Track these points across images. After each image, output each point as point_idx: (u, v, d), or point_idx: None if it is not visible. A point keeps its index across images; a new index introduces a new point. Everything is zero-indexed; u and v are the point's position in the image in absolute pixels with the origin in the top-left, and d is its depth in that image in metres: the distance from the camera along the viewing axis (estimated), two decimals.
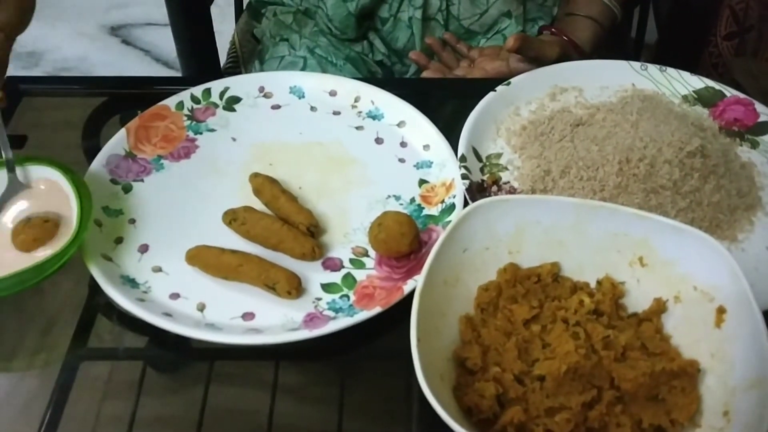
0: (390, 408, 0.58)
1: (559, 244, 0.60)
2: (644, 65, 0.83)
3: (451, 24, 0.97)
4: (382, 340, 0.63)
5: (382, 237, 0.63)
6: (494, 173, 0.73)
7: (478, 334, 0.56)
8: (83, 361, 0.61)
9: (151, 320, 0.59)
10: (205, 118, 0.79)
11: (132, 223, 0.68)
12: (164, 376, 0.62)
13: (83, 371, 0.60)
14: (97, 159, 0.72)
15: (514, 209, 0.59)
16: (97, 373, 0.60)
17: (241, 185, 0.71)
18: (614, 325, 0.57)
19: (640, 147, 0.69)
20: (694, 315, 0.55)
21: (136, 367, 0.61)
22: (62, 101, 0.86)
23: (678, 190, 0.67)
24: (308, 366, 0.62)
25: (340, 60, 0.97)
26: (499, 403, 0.53)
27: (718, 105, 0.80)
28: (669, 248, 0.57)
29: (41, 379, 0.60)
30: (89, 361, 0.61)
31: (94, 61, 2.01)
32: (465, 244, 0.58)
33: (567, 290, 0.59)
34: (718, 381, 0.52)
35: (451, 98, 0.86)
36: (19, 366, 0.61)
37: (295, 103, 0.81)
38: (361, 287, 0.63)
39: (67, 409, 0.57)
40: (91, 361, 0.61)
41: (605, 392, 0.53)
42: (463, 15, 0.96)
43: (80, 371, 0.60)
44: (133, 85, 0.88)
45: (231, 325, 0.60)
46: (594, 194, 0.68)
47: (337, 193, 0.72)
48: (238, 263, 0.62)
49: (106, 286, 0.61)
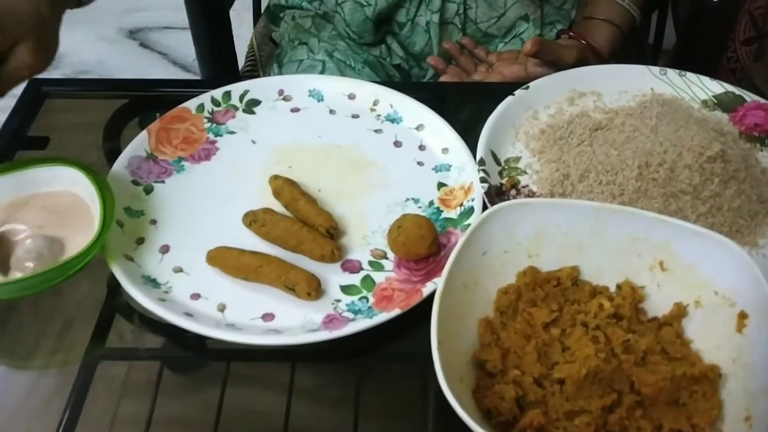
0: (406, 411, 0.58)
1: (578, 248, 0.60)
2: (663, 70, 0.83)
3: (469, 27, 0.97)
4: (397, 343, 0.63)
5: (401, 239, 0.64)
6: (513, 177, 0.73)
7: (497, 336, 0.57)
8: (101, 361, 0.61)
9: (172, 320, 0.59)
10: (225, 120, 0.79)
11: (153, 223, 0.69)
12: (181, 377, 0.62)
13: (101, 371, 0.60)
14: (119, 160, 0.72)
15: (533, 212, 0.59)
16: (114, 372, 0.61)
17: (260, 187, 0.72)
18: (634, 329, 0.57)
19: (659, 152, 0.69)
20: (715, 320, 0.55)
21: (154, 367, 0.61)
22: (83, 103, 0.87)
23: (698, 195, 0.67)
24: (324, 368, 0.62)
25: (359, 64, 0.97)
26: (519, 406, 0.53)
27: (738, 110, 0.79)
28: (690, 253, 0.57)
29: (60, 378, 0.60)
30: (107, 360, 0.62)
31: (112, 64, 2.03)
32: (484, 247, 0.58)
33: (586, 294, 0.59)
34: (740, 386, 0.51)
35: (469, 102, 0.86)
36: (38, 365, 0.62)
37: (314, 106, 0.81)
38: (380, 289, 0.64)
39: (85, 408, 0.58)
40: (108, 361, 0.62)
41: (625, 396, 0.53)
42: (480, 18, 0.97)
43: (98, 371, 0.60)
44: (153, 88, 0.89)
45: (251, 326, 0.60)
46: (613, 198, 0.68)
47: (355, 196, 0.72)
48: (258, 264, 0.62)
49: (128, 285, 0.61)
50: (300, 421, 0.57)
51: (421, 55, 1.00)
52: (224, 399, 0.58)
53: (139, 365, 0.62)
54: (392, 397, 0.60)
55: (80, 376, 0.60)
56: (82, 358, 0.61)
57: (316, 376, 0.61)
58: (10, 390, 0.60)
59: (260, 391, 0.60)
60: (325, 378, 0.62)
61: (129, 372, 0.61)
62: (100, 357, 0.61)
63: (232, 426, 0.57)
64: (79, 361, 0.61)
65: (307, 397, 0.59)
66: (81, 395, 0.58)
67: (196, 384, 0.61)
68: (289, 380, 0.60)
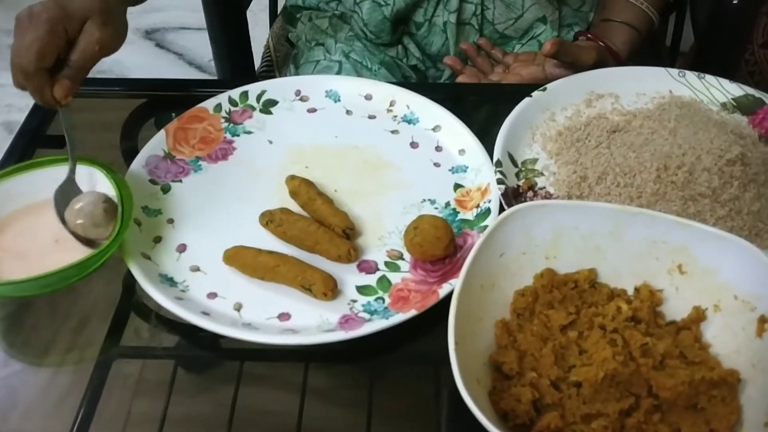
0: (419, 412, 0.58)
1: (596, 250, 0.59)
2: (682, 72, 0.82)
3: (486, 28, 0.97)
4: (412, 344, 0.63)
5: (417, 240, 0.64)
6: (530, 178, 0.72)
7: (514, 339, 0.56)
8: (116, 359, 0.62)
9: (189, 319, 0.59)
10: (242, 120, 0.79)
11: (170, 223, 0.69)
12: (195, 376, 0.62)
13: (116, 369, 0.61)
14: (137, 160, 0.73)
15: (551, 214, 0.58)
16: (129, 371, 0.61)
17: (277, 187, 0.72)
18: (652, 332, 0.56)
19: (678, 154, 0.68)
20: (734, 324, 0.55)
21: (168, 366, 0.61)
22: (101, 103, 0.88)
23: (717, 198, 0.67)
24: (338, 368, 0.62)
25: (375, 64, 0.97)
26: (536, 408, 0.53)
27: (758, 113, 0.79)
28: (709, 256, 0.56)
29: (75, 375, 0.61)
30: (122, 359, 0.62)
31: (128, 64, 2.04)
32: (502, 248, 0.58)
33: (604, 297, 0.58)
34: (759, 391, 0.51)
35: (486, 103, 0.86)
36: (53, 362, 0.62)
37: (331, 107, 0.81)
38: (396, 290, 0.64)
39: (99, 406, 0.58)
40: (123, 359, 0.62)
41: (643, 400, 0.52)
42: (497, 19, 0.96)
43: (113, 369, 0.61)
44: (170, 88, 0.89)
45: (267, 325, 0.61)
46: (631, 201, 0.68)
47: (372, 197, 0.72)
48: (275, 264, 0.63)
49: (146, 284, 0.61)
50: (313, 421, 0.57)
51: (438, 55, 1.00)
52: (238, 398, 0.58)
53: (154, 364, 0.62)
54: (406, 398, 0.60)
55: (95, 374, 0.60)
56: (98, 356, 0.61)
57: (330, 376, 0.61)
58: (26, 387, 0.60)
59: (274, 390, 0.60)
60: (339, 378, 0.62)
61: (143, 370, 0.61)
62: (115, 355, 0.62)
63: (245, 425, 0.57)
64: (94, 360, 0.61)
65: (320, 397, 0.59)
66: (96, 393, 0.59)
67: (209, 383, 0.61)
68: (302, 380, 0.60)
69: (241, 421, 0.57)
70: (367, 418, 0.57)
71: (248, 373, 0.60)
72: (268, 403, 0.59)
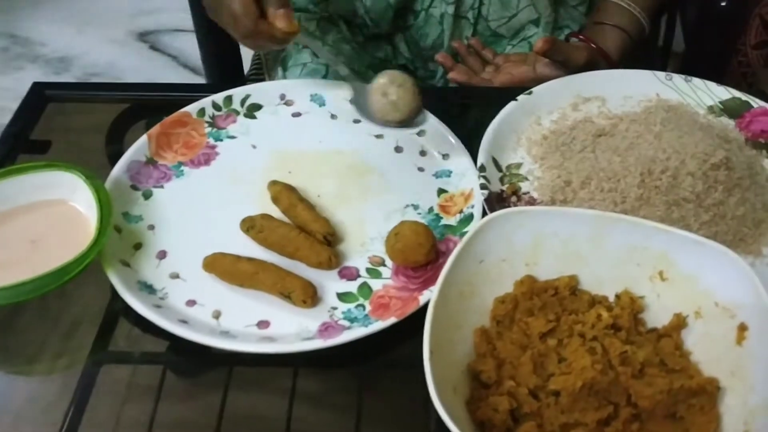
0: (408, 417, 0.58)
1: (577, 257, 0.59)
2: (669, 75, 0.82)
3: (480, 24, 0.97)
4: (401, 350, 0.62)
5: (398, 247, 0.63)
6: (514, 183, 0.72)
7: (493, 347, 0.56)
8: (104, 365, 0.61)
9: (166, 327, 0.59)
10: (226, 125, 0.79)
11: (151, 229, 0.69)
12: (184, 381, 0.62)
13: (104, 375, 0.60)
14: (119, 165, 0.72)
15: (531, 221, 0.58)
16: (117, 376, 0.61)
17: (260, 193, 0.72)
18: (633, 340, 0.56)
19: (662, 158, 0.68)
20: (714, 332, 0.54)
21: (156, 371, 0.61)
22: (87, 107, 0.88)
23: (701, 203, 0.66)
24: (327, 373, 0.62)
25: (363, 68, 0.97)
26: (514, 418, 0.52)
27: (745, 116, 0.78)
28: (690, 263, 0.56)
29: (63, 382, 0.60)
30: (110, 364, 0.61)
31: (122, 67, 2.04)
32: (481, 255, 0.57)
33: (585, 304, 0.58)
34: (738, 400, 0.50)
35: (472, 107, 0.85)
36: (41, 369, 0.62)
37: (316, 111, 0.81)
38: (377, 297, 0.63)
39: (87, 412, 0.58)
40: (111, 365, 0.61)
41: (622, 409, 0.52)
42: (492, 16, 0.96)
43: (101, 375, 0.60)
44: (157, 92, 0.89)
45: (246, 333, 0.60)
46: (615, 206, 0.67)
47: (355, 202, 0.71)
48: (254, 271, 0.62)
49: (124, 291, 0.61)
50: (302, 426, 0.57)
51: (432, 49, 0.99)
52: (226, 403, 0.58)
53: (142, 369, 0.62)
54: (395, 403, 0.59)
55: (83, 379, 0.60)
56: (85, 361, 0.61)
57: (319, 381, 0.61)
58: (14, 393, 0.60)
59: (262, 395, 0.60)
60: (328, 384, 0.61)
61: (132, 376, 0.61)
62: (103, 361, 0.61)
63: (233, 430, 0.57)
64: (82, 365, 0.61)
65: (309, 402, 0.59)
66: (83, 399, 0.58)
67: (198, 388, 0.61)
68: (291, 385, 0.59)
69: (230, 426, 0.57)
70: (356, 423, 0.57)
71: (237, 378, 0.60)
72: (257, 407, 0.59)
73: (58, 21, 2.20)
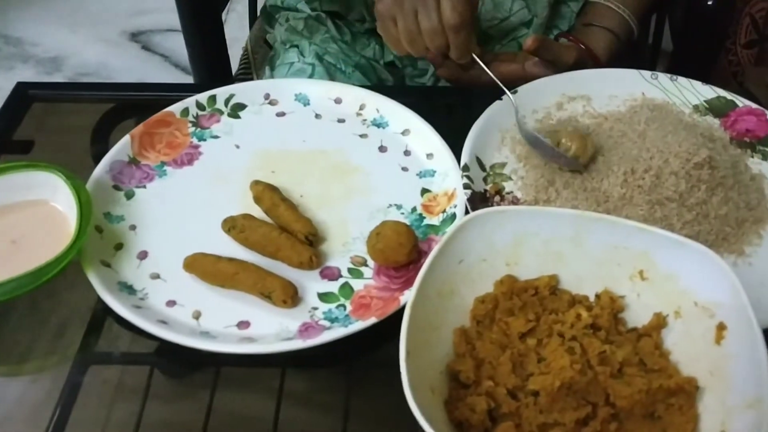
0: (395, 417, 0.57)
1: (557, 257, 0.59)
2: (654, 74, 0.81)
3: None
4: (387, 349, 0.61)
5: (379, 247, 0.63)
6: (497, 183, 0.72)
7: (472, 347, 0.56)
8: (91, 365, 0.61)
9: (146, 327, 0.59)
10: (209, 124, 0.79)
11: (133, 229, 0.68)
12: (171, 381, 0.62)
13: (91, 375, 0.60)
14: (101, 165, 0.72)
15: (511, 220, 0.58)
16: (104, 377, 0.60)
17: (242, 192, 0.71)
18: (612, 340, 0.56)
19: (646, 158, 0.68)
20: (694, 331, 0.54)
21: (143, 371, 0.61)
22: (72, 107, 0.87)
23: (684, 202, 0.66)
24: (314, 373, 0.62)
25: (349, 67, 0.96)
26: (492, 418, 0.52)
27: (730, 115, 0.78)
28: (670, 262, 0.56)
29: (50, 382, 0.60)
30: (97, 365, 0.61)
31: (114, 67, 2.03)
32: (461, 255, 0.57)
33: (565, 303, 0.58)
34: (716, 400, 0.50)
35: (458, 107, 0.85)
36: (28, 370, 0.61)
37: (300, 111, 0.81)
38: (359, 297, 0.63)
39: (74, 412, 0.57)
40: (99, 365, 0.61)
41: (600, 409, 0.51)
42: (483, 17, 0.95)
43: (88, 375, 0.60)
44: (142, 91, 0.88)
45: (225, 334, 0.60)
46: (598, 205, 0.67)
47: (338, 202, 0.71)
48: (234, 271, 0.62)
49: (103, 292, 0.61)
50: (289, 426, 0.57)
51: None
52: (214, 403, 0.58)
53: (130, 369, 0.61)
54: (382, 402, 0.59)
55: (70, 380, 0.59)
56: (72, 362, 0.61)
57: (306, 381, 0.61)
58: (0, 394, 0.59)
59: (250, 395, 0.60)
60: (316, 383, 0.61)
61: (119, 376, 0.61)
62: (89, 361, 0.61)
63: (221, 430, 0.56)
64: (68, 366, 0.60)
65: (296, 401, 0.59)
66: (70, 400, 0.58)
67: (186, 388, 0.61)
68: (278, 385, 0.59)
69: (218, 426, 0.57)
70: (344, 423, 0.57)
71: (224, 378, 0.60)
72: (245, 407, 0.58)
73: (49, 21, 2.20)
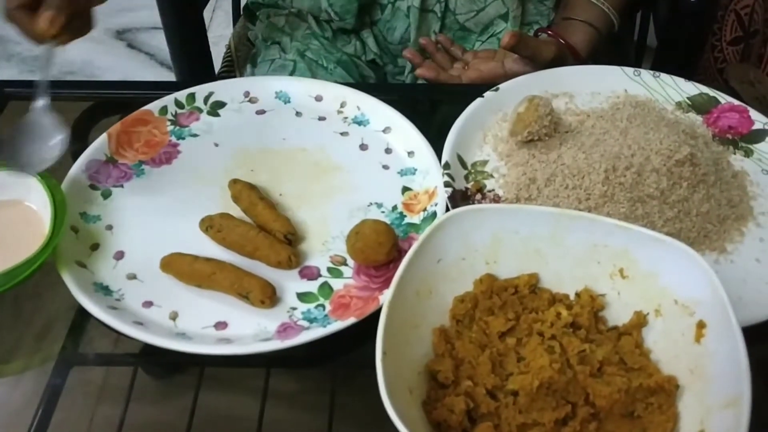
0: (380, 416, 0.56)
1: (537, 255, 0.58)
2: (637, 71, 0.81)
3: (447, 18, 0.96)
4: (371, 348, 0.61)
5: (359, 246, 0.62)
6: (479, 181, 0.71)
7: (452, 346, 0.55)
8: (74, 366, 0.60)
9: (121, 329, 0.58)
10: (188, 123, 0.78)
11: (109, 229, 0.67)
12: (155, 382, 0.61)
13: (74, 376, 0.59)
14: (77, 164, 0.71)
15: (490, 218, 0.57)
16: (87, 378, 0.60)
17: (221, 192, 0.70)
18: (592, 338, 0.55)
19: (627, 155, 0.67)
20: (674, 329, 0.53)
21: (127, 372, 0.60)
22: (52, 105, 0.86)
23: (665, 199, 0.66)
24: (299, 373, 0.61)
25: (331, 63, 0.96)
26: (471, 419, 0.51)
27: (712, 112, 0.78)
28: (650, 260, 0.55)
29: (32, 384, 0.59)
30: (80, 366, 0.60)
31: (99, 65, 2.02)
32: (439, 254, 0.56)
33: (545, 302, 0.57)
34: (696, 398, 0.50)
35: (440, 104, 0.84)
36: (10, 370, 0.61)
37: (281, 108, 0.80)
38: (338, 297, 0.62)
39: (57, 414, 0.57)
40: (81, 366, 0.60)
41: (580, 408, 0.51)
42: (459, 10, 0.95)
43: (71, 376, 0.59)
44: (121, 89, 0.87)
45: (202, 335, 0.59)
46: (579, 203, 0.66)
47: (318, 201, 0.70)
48: (211, 271, 0.61)
49: (78, 293, 0.60)
50: (274, 426, 0.56)
51: (400, 43, 0.98)
52: (198, 403, 0.57)
53: (113, 370, 0.61)
54: (367, 402, 0.58)
55: (51, 382, 0.59)
56: (54, 363, 0.60)
57: (291, 381, 0.61)
58: None
59: (234, 396, 0.59)
60: (300, 383, 0.61)
61: (102, 377, 0.60)
62: (72, 362, 0.60)
63: (205, 431, 0.56)
64: (50, 367, 0.60)
65: (281, 401, 0.58)
66: (52, 401, 0.57)
67: (170, 389, 0.60)
68: (263, 385, 0.59)
69: (202, 427, 0.56)
70: (329, 422, 0.56)
71: (209, 379, 0.59)
72: (229, 408, 0.58)
73: None
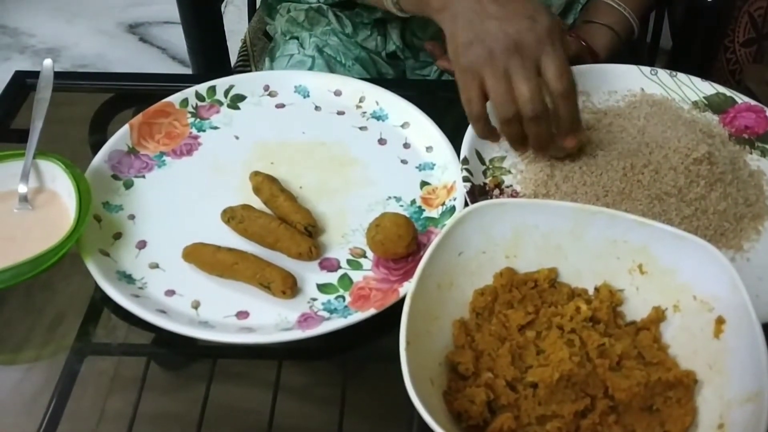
0: (391, 410, 0.58)
1: (557, 250, 0.59)
2: (654, 70, 0.81)
3: None
4: (384, 342, 0.62)
5: (379, 238, 0.63)
6: (497, 176, 0.72)
7: (471, 338, 0.56)
8: (88, 356, 0.61)
9: (145, 317, 0.59)
10: (209, 115, 0.78)
11: (131, 219, 0.68)
12: (167, 373, 0.62)
13: (87, 366, 0.60)
14: (100, 155, 0.72)
15: (510, 213, 0.58)
16: (101, 368, 0.60)
17: (241, 183, 0.71)
18: (611, 333, 0.56)
19: (645, 153, 0.68)
20: (692, 325, 0.54)
21: (140, 362, 0.61)
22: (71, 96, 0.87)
23: (683, 197, 0.66)
24: (311, 366, 0.62)
25: (350, 60, 0.96)
26: (491, 410, 0.52)
27: (729, 112, 0.78)
28: (669, 256, 0.56)
29: (46, 372, 0.60)
30: (94, 356, 0.61)
31: (111, 59, 2.03)
32: (460, 247, 0.57)
33: (564, 296, 0.58)
34: (715, 393, 0.50)
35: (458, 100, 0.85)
36: (24, 360, 0.61)
37: (300, 103, 0.81)
38: (357, 288, 0.63)
39: (70, 403, 0.57)
40: (95, 356, 0.61)
41: (599, 401, 0.52)
42: None
43: (85, 366, 0.60)
44: (140, 82, 0.88)
45: (224, 324, 0.60)
46: (597, 200, 0.67)
47: (337, 194, 0.71)
48: (233, 261, 0.62)
49: (102, 281, 0.61)
50: (285, 419, 0.57)
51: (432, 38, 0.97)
52: (210, 395, 0.58)
53: (126, 360, 0.61)
54: (378, 395, 0.59)
55: (66, 370, 0.59)
56: (68, 352, 0.60)
57: (302, 374, 0.61)
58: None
59: (246, 388, 0.59)
60: (312, 376, 0.61)
61: (115, 367, 0.60)
62: (86, 352, 0.61)
63: (217, 423, 0.56)
64: (65, 356, 0.60)
65: (293, 395, 0.59)
66: (66, 390, 0.58)
67: (182, 380, 0.61)
68: (275, 378, 0.59)
69: (213, 419, 0.56)
70: (340, 416, 0.57)
71: (221, 370, 0.60)
72: (241, 400, 0.58)
73: (47, 12, 2.19)
